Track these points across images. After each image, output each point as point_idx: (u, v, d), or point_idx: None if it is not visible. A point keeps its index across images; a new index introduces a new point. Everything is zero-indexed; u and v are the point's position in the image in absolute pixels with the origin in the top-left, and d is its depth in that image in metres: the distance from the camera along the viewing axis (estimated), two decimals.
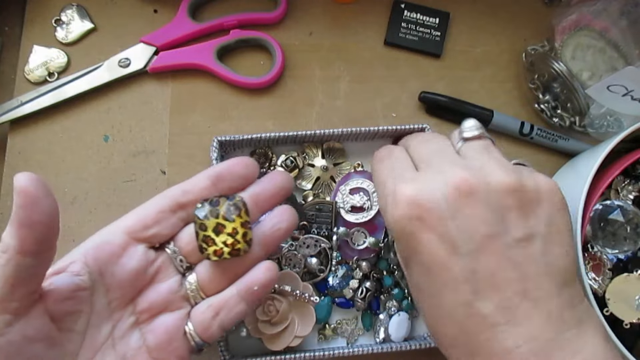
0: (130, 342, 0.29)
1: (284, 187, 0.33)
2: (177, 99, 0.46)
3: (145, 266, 0.30)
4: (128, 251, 0.30)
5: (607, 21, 0.45)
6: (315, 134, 0.41)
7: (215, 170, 0.32)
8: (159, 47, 0.46)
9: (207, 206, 0.30)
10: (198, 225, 0.30)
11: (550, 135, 0.46)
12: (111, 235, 0.30)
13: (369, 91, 0.47)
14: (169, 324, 0.30)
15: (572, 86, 0.44)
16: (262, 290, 0.31)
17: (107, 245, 0.29)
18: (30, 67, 0.46)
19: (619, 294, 0.38)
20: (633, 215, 0.38)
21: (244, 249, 0.30)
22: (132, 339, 0.30)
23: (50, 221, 0.24)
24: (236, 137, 0.41)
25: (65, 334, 0.27)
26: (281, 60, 0.46)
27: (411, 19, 0.48)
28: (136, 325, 0.30)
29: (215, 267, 0.31)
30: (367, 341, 0.41)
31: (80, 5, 0.47)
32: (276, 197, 0.33)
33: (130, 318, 0.30)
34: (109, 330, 0.29)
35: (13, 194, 0.23)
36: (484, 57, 0.49)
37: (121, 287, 0.30)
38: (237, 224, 0.30)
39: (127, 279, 0.30)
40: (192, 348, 0.31)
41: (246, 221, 0.30)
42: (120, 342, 0.29)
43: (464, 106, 0.46)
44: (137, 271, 0.30)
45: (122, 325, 0.30)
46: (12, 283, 0.24)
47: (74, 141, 0.45)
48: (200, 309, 0.31)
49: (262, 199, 0.32)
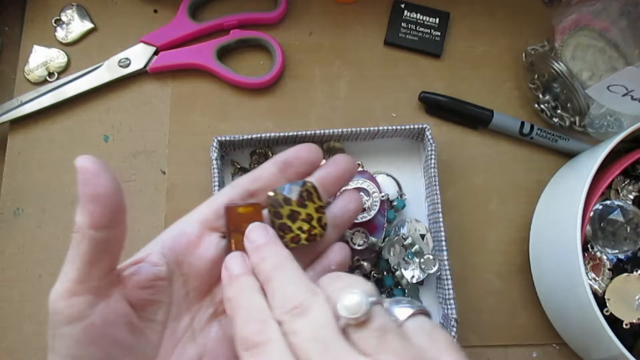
0: (210, 334, 0.29)
1: (348, 169, 0.33)
2: (177, 99, 0.46)
3: (221, 255, 0.30)
4: (203, 241, 0.30)
5: (607, 21, 0.45)
6: (315, 134, 0.41)
7: (282, 157, 0.32)
8: (159, 47, 0.46)
9: (279, 194, 0.30)
10: (272, 214, 0.30)
11: (550, 135, 0.46)
12: (186, 225, 0.30)
13: (369, 91, 0.47)
14: None
15: (572, 86, 0.44)
16: (339, 270, 0.31)
17: (183, 235, 0.30)
18: (30, 67, 0.46)
19: (619, 294, 0.38)
20: (633, 215, 0.38)
21: (320, 233, 0.30)
22: (212, 330, 0.29)
23: (114, 194, 0.24)
24: (236, 137, 0.41)
25: (146, 323, 0.27)
26: (281, 60, 0.46)
27: (411, 19, 0.48)
28: (215, 317, 0.30)
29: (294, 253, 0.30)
30: None
31: (80, 5, 0.47)
32: (342, 180, 0.33)
33: (209, 309, 0.30)
34: (189, 321, 0.29)
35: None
36: (484, 57, 0.49)
37: (199, 277, 0.29)
38: (311, 210, 0.30)
39: (205, 268, 0.29)
40: None
41: (320, 206, 0.31)
42: (200, 334, 0.29)
43: (464, 106, 0.46)
44: (213, 260, 0.30)
45: (201, 316, 0.30)
46: (89, 260, 0.24)
47: (74, 141, 0.45)
48: None
49: (328, 182, 0.32)
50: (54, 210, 0.44)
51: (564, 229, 0.38)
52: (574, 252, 0.35)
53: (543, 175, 0.46)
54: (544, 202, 0.44)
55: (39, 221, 0.43)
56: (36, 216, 0.43)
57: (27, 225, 0.43)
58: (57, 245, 0.43)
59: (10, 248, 0.43)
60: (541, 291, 0.42)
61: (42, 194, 0.44)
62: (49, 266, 0.43)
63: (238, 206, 0.30)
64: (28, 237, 0.43)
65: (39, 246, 0.43)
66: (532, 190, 0.46)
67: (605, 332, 0.34)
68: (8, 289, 0.42)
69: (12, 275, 0.42)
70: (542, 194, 0.44)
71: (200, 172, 0.44)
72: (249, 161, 0.44)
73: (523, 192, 0.46)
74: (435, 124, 0.47)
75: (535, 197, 0.45)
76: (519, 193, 0.46)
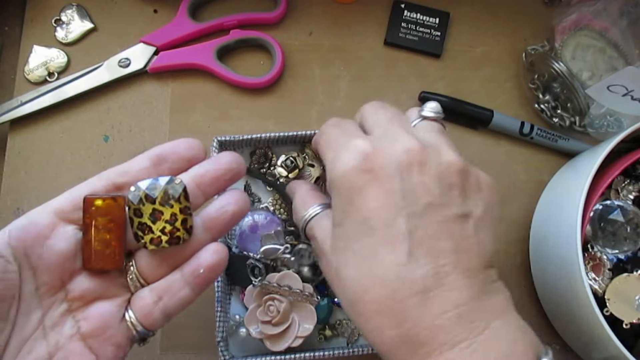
0: (62, 331, 0.28)
1: (231, 168, 0.30)
2: (177, 99, 0.46)
3: (75, 249, 0.28)
4: (56, 232, 0.28)
5: (607, 21, 0.45)
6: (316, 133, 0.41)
7: (157, 150, 0.30)
8: (159, 47, 0.46)
9: (142, 190, 0.27)
10: (132, 211, 0.28)
11: (550, 135, 0.46)
12: (38, 215, 0.28)
13: (369, 91, 0.47)
14: (104, 309, 0.28)
15: (572, 86, 0.44)
16: (209, 274, 0.29)
17: (32, 225, 0.27)
18: (30, 67, 0.46)
19: (619, 294, 0.38)
20: (633, 216, 0.38)
21: (183, 237, 0.28)
22: (65, 327, 0.28)
23: None
24: (236, 137, 0.41)
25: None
26: (281, 60, 0.46)
27: (411, 19, 0.48)
28: (69, 313, 0.28)
29: (155, 255, 0.29)
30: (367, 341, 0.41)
31: (80, 5, 0.47)
32: (223, 179, 0.30)
33: (62, 305, 0.28)
34: (39, 318, 0.27)
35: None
36: (484, 57, 0.49)
37: (49, 271, 0.27)
38: (176, 210, 0.27)
39: (55, 261, 0.27)
40: (133, 337, 0.29)
41: (186, 207, 0.28)
42: (52, 331, 0.28)
43: (464, 106, 0.46)
44: (66, 253, 0.28)
45: (53, 313, 0.28)
46: None
47: (74, 141, 0.45)
48: (142, 294, 0.29)
49: (205, 182, 0.29)
50: None
51: (564, 229, 0.38)
52: (574, 252, 0.35)
53: (543, 175, 0.46)
54: (544, 202, 0.44)
55: None
56: None
57: None
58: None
59: None
60: (541, 291, 0.42)
61: (42, 194, 0.44)
62: None
63: (95, 198, 0.27)
64: None
65: None
66: (532, 190, 0.46)
67: (605, 332, 0.34)
68: None
69: None
70: (542, 194, 0.44)
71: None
72: (249, 161, 0.44)
73: (523, 192, 0.46)
74: None
75: (535, 197, 0.45)
76: (519, 193, 0.46)
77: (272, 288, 0.38)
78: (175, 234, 0.28)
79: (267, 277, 0.39)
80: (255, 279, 0.38)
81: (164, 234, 0.28)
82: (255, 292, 0.39)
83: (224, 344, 0.38)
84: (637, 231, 0.38)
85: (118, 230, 0.28)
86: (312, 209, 0.31)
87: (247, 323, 0.38)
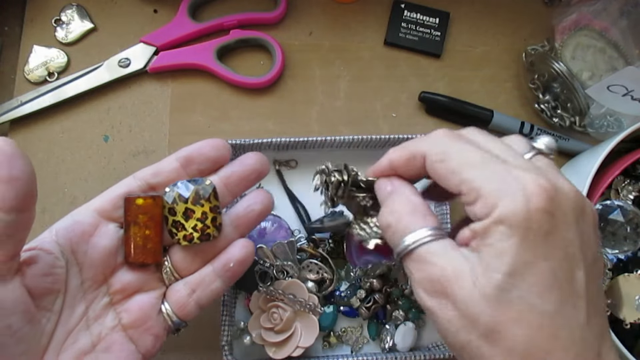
0: (105, 322, 0.30)
1: (255, 169, 0.32)
2: (177, 99, 0.46)
3: (117, 245, 0.30)
4: (99, 230, 0.30)
5: (607, 21, 0.45)
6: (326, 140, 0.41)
7: (185, 152, 0.32)
8: (159, 47, 0.46)
9: (175, 190, 0.30)
10: (167, 210, 0.30)
11: (550, 135, 0.46)
12: (82, 215, 0.30)
13: (369, 91, 0.47)
14: (144, 302, 0.30)
15: (572, 86, 0.44)
16: (238, 267, 0.31)
17: (77, 224, 0.30)
18: (30, 67, 0.46)
19: (619, 294, 0.38)
20: (633, 216, 0.38)
21: (213, 234, 0.30)
22: (107, 319, 0.30)
23: (28, 178, 0.24)
24: (246, 141, 0.40)
25: (42, 312, 0.27)
26: (281, 60, 0.46)
27: (411, 19, 0.48)
28: (110, 306, 0.30)
29: (188, 250, 0.31)
30: (371, 350, 0.41)
31: (80, 5, 0.47)
32: (248, 180, 0.32)
33: (104, 298, 0.30)
34: (83, 310, 0.29)
35: None
36: (484, 57, 0.49)
37: (94, 267, 0.29)
38: (207, 209, 0.30)
39: (99, 257, 0.30)
40: (169, 327, 0.31)
41: (215, 205, 0.30)
42: (94, 323, 0.29)
43: (464, 106, 0.46)
44: (109, 250, 0.30)
45: (96, 305, 0.30)
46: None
47: (74, 141, 0.45)
48: (176, 287, 0.31)
49: (232, 182, 0.32)
50: (54, 210, 0.44)
51: None
52: None
53: None
54: None
55: (39, 221, 0.43)
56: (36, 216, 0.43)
57: None
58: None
59: None
60: None
61: (42, 194, 0.44)
62: None
63: (137, 197, 0.30)
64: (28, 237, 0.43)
65: None
66: None
67: None
68: None
69: None
70: None
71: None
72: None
73: None
74: (435, 124, 0.47)
75: None
76: None
77: (277, 295, 0.38)
78: (205, 230, 0.30)
79: (274, 284, 0.38)
80: (262, 285, 0.38)
81: (196, 231, 0.30)
82: (261, 299, 0.39)
83: (229, 349, 0.38)
84: (637, 231, 0.38)
85: (157, 227, 0.30)
86: (419, 233, 0.25)
87: (250, 328, 0.38)
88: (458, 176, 0.24)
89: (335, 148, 0.43)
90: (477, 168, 0.24)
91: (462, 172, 0.24)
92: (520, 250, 0.22)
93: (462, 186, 0.24)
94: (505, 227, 0.22)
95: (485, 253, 0.23)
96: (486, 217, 0.23)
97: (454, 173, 0.24)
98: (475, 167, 0.24)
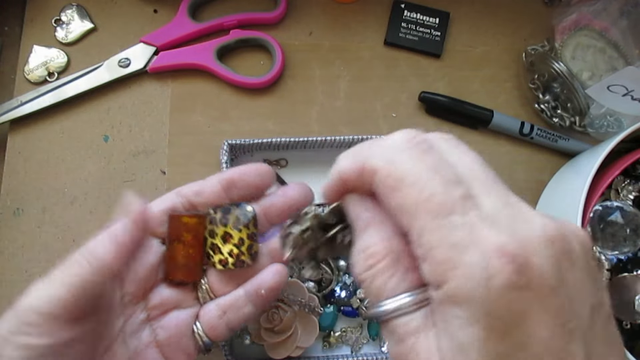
0: (141, 337, 0.30)
1: (298, 201, 0.32)
2: (177, 99, 0.46)
3: (159, 261, 0.30)
4: (145, 246, 0.30)
5: (607, 21, 0.45)
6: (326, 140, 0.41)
7: (228, 175, 0.32)
8: (159, 47, 0.46)
9: (219, 213, 0.30)
10: (208, 232, 0.30)
11: (550, 135, 0.46)
12: None
13: (369, 91, 0.47)
14: (180, 319, 0.31)
15: (572, 86, 0.44)
16: (270, 294, 0.31)
17: None
18: (30, 67, 0.46)
19: (619, 294, 0.38)
20: (632, 217, 0.38)
21: (247, 261, 0.30)
22: (143, 334, 0.30)
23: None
24: (247, 141, 0.40)
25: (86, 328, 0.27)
26: (281, 60, 0.46)
27: (411, 19, 0.48)
28: (147, 321, 0.30)
29: (224, 273, 0.31)
30: (371, 350, 0.41)
31: (80, 5, 0.47)
32: (289, 212, 0.32)
33: (142, 314, 0.30)
34: (121, 325, 0.29)
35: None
36: (484, 57, 0.49)
37: (136, 281, 0.29)
38: (244, 235, 0.30)
39: (143, 272, 0.30)
40: (199, 347, 0.31)
41: (253, 233, 0.30)
42: (131, 338, 0.30)
43: (464, 106, 0.46)
44: (152, 266, 0.30)
45: (134, 320, 0.30)
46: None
47: (74, 141, 0.45)
48: (209, 308, 0.31)
49: (273, 213, 0.32)
50: (54, 210, 0.44)
51: None
52: None
53: (543, 175, 0.46)
54: (544, 202, 0.44)
55: (39, 221, 0.43)
56: (36, 216, 0.43)
57: (27, 225, 0.43)
58: (57, 245, 0.43)
59: (10, 248, 0.43)
60: None
61: (42, 194, 0.44)
62: (49, 266, 0.42)
63: (183, 215, 0.30)
64: (28, 237, 0.43)
65: (39, 246, 0.43)
66: (532, 190, 0.46)
67: None
68: (8, 289, 0.42)
69: (12, 275, 0.42)
70: (542, 194, 0.44)
71: (200, 172, 0.43)
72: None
73: (523, 192, 0.46)
74: (435, 124, 0.47)
75: (535, 197, 0.45)
76: (519, 193, 0.45)
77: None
78: (240, 257, 0.30)
79: None
80: None
81: (231, 256, 0.30)
82: None
83: (228, 348, 0.38)
84: (636, 232, 0.38)
85: (199, 246, 0.30)
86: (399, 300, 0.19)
87: (250, 328, 0.38)
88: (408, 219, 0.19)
89: (335, 148, 0.43)
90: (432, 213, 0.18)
91: (415, 216, 0.18)
92: (487, 345, 0.17)
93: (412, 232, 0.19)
94: (460, 311, 0.17)
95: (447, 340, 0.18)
96: (437, 287, 0.18)
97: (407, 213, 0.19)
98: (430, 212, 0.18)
